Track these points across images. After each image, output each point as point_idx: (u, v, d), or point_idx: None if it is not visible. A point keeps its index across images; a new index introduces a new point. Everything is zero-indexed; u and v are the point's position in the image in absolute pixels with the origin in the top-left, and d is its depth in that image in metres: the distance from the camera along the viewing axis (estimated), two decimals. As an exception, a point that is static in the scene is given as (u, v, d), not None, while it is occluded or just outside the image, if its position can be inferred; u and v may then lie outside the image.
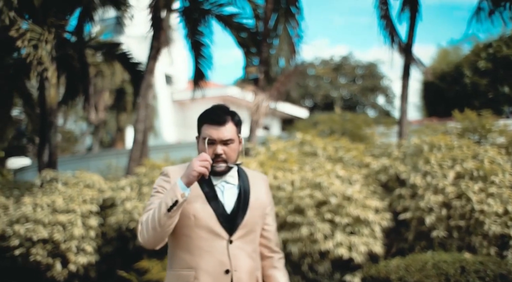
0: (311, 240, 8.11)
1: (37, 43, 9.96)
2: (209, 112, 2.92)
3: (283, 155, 8.93)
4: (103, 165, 13.58)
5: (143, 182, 10.06)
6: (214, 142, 2.84)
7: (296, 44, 10.78)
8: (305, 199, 8.13)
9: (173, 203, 2.67)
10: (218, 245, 2.87)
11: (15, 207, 10.93)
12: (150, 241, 2.77)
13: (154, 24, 11.39)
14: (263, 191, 3.09)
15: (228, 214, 2.89)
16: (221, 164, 2.85)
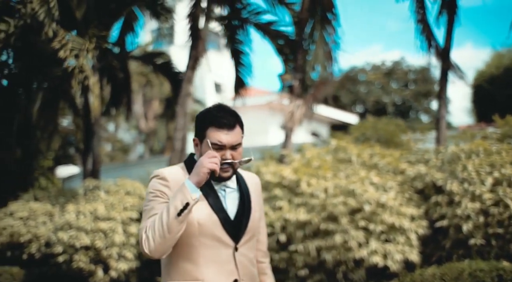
0: (345, 248, 8.02)
1: (78, 53, 10.25)
2: (216, 115, 2.73)
3: (317, 161, 8.89)
4: (146, 173, 13.78)
5: (181, 190, 10.17)
6: (223, 147, 2.69)
7: (332, 50, 10.73)
8: (338, 206, 8.06)
9: (184, 206, 2.52)
10: (224, 253, 2.72)
11: (60, 214, 11.26)
12: (157, 249, 2.57)
13: (192, 33, 11.53)
14: (258, 193, 2.99)
15: (232, 220, 2.74)
16: (228, 169, 2.72)
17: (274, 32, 12.02)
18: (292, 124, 10.09)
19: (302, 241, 8.26)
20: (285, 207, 8.43)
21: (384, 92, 41.18)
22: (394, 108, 41.40)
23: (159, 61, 13.47)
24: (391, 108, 40.90)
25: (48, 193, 13.05)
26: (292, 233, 8.35)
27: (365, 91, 41.65)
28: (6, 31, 10.84)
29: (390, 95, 41.31)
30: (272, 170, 8.97)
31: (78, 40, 10.61)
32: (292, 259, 8.36)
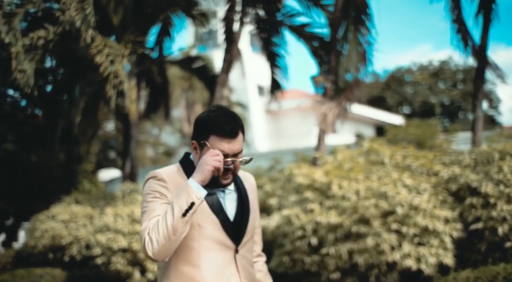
0: (378, 251, 7.92)
1: (114, 59, 10.44)
2: (218, 122, 2.62)
3: (349, 164, 8.81)
4: None
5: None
6: (226, 155, 2.60)
7: (366, 51, 10.59)
8: (370, 209, 7.97)
9: (189, 205, 2.44)
10: (225, 256, 2.66)
11: (99, 217, 11.49)
12: (161, 252, 2.48)
13: (227, 37, 11.59)
14: (254, 193, 2.93)
15: (231, 222, 2.69)
16: (229, 176, 2.67)
17: (308, 34, 11.98)
18: (324, 126, 10.02)
19: (333, 244, 8.20)
20: (316, 210, 8.38)
21: (432, 92, 40.42)
22: (442, 109, 40.61)
23: (196, 65, 13.59)
24: (439, 109, 40.14)
25: (89, 196, 13.32)
26: (323, 236, 8.29)
27: (411, 92, 40.99)
28: (45, 38, 11.12)
29: (438, 95, 40.52)
30: (304, 172, 8.92)
31: (115, 46, 10.81)
32: (324, 262, 8.30)
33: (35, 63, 11.48)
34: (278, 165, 10.42)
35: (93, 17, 10.53)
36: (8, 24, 11.71)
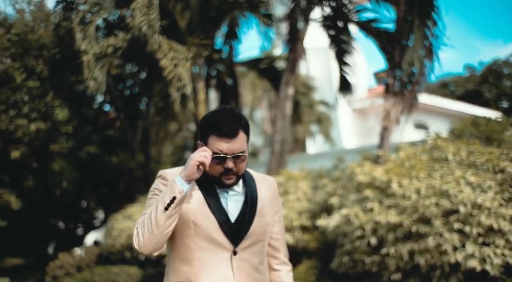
0: (439, 252, 7.64)
1: (178, 62, 10.65)
2: (217, 121, 2.60)
3: (411, 161, 8.54)
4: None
5: (278, 192, 10.24)
6: (225, 156, 2.58)
7: (433, 45, 10.20)
8: (430, 208, 7.70)
9: (171, 200, 2.47)
10: (221, 257, 2.62)
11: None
12: (146, 245, 2.53)
13: (291, 36, 11.54)
14: (271, 196, 2.84)
15: (232, 223, 2.65)
16: (231, 176, 2.64)
17: (375, 29, 11.71)
18: (388, 123, 9.75)
19: (393, 244, 7.99)
20: (375, 209, 8.19)
21: (533, 86, 38.40)
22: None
23: (263, 66, 13.63)
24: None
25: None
26: (383, 235, 8.10)
27: (510, 85, 39.08)
28: (115, 45, 11.52)
29: (541, 88, 38.43)
30: (365, 171, 8.75)
31: (179, 49, 11.03)
32: (385, 262, 8.10)
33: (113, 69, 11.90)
34: (341, 164, 10.27)
35: (158, 22, 10.80)
36: (84, 32, 12.23)
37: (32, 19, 20.13)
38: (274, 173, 11.08)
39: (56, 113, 15.87)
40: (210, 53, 12.32)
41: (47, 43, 17.42)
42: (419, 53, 9.93)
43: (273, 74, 13.52)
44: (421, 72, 10.10)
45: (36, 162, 18.64)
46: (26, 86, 17.38)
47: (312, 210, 9.93)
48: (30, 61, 18.05)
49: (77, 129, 16.10)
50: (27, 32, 18.67)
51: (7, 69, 18.28)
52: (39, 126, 16.12)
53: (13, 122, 16.52)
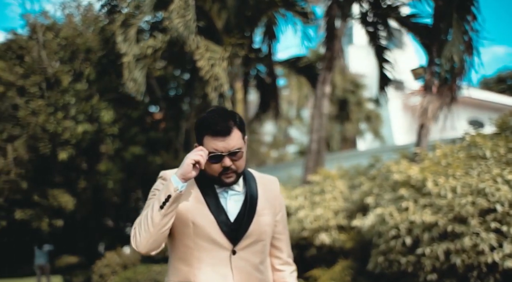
0: (476, 252, 7.43)
1: (214, 62, 10.71)
2: (209, 121, 2.61)
3: (448, 159, 8.32)
4: (287, 175, 13.93)
5: (314, 191, 10.16)
6: (221, 154, 2.58)
7: (472, 39, 9.90)
8: (466, 207, 7.49)
9: (166, 198, 2.49)
10: (220, 256, 2.62)
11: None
12: (142, 243, 2.53)
13: (328, 33, 11.42)
14: (273, 196, 2.84)
15: (231, 222, 2.65)
16: (231, 175, 2.63)
17: (414, 25, 11.46)
18: (425, 120, 9.53)
19: (429, 244, 7.81)
20: (410, 208, 8.03)
21: None
22: None
23: (301, 64, 13.55)
24: None
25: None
26: (419, 235, 7.93)
27: None
28: (154, 47, 11.68)
29: None
30: (401, 169, 8.58)
31: (216, 49, 11.09)
32: (420, 262, 7.93)
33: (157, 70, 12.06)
34: (379, 163, 10.12)
35: (194, 22, 10.88)
36: (125, 34, 12.45)
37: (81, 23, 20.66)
38: (311, 172, 11.02)
39: (102, 115, 16.22)
40: (247, 52, 12.33)
41: (94, 46, 17.83)
42: (458, 48, 9.66)
43: (312, 73, 13.43)
44: (460, 68, 9.82)
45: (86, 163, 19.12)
46: (73, 89, 17.83)
47: (348, 209, 9.82)
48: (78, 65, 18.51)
49: (122, 131, 16.41)
50: (74, 36, 19.17)
51: (56, 73, 18.81)
52: (86, 128, 16.51)
53: (60, 124, 16.98)
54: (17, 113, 18.89)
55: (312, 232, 9.82)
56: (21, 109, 18.44)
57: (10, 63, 21.28)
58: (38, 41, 20.36)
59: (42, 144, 18.17)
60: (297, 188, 10.79)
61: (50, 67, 19.75)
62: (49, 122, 17.37)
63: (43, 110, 18.15)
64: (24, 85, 19.65)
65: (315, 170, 10.87)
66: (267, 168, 20.38)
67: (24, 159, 19.59)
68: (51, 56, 19.99)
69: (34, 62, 20.11)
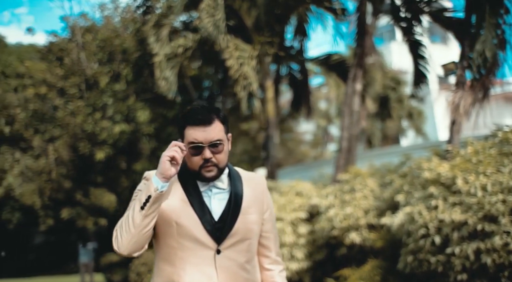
0: (507, 251, 7.21)
1: (243, 61, 10.70)
2: (191, 112, 2.63)
3: (478, 156, 8.10)
4: (318, 173, 13.80)
5: (344, 190, 10.05)
6: (202, 145, 2.58)
7: (506, 33, 9.59)
8: (497, 205, 7.28)
9: (146, 199, 2.48)
10: (204, 256, 2.60)
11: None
12: (124, 245, 2.52)
13: (358, 30, 11.27)
14: (260, 194, 2.80)
15: (215, 221, 2.62)
16: (211, 168, 2.61)
17: (446, 19, 11.20)
18: (456, 116, 9.29)
19: (459, 243, 7.62)
20: (440, 206, 7.85)
21: None
22: None
23: (333, 61, 13.41)
24: None
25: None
26: (448, 234, 7.74)
27: None
28: (184, 46, 11.76)
29: None
30: (431, 167, 8.40)
31: (245, 48, 11.09)
32: (450, 262, 7.75)
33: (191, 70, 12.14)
34: (410, 160, 9.93)
35: (224, 22, 10.90)
36: (157, 35, 12.57)
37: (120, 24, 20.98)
38: (342, 170, 10.91)
39: (138, 115, 16.41)
40: (277, 50, 12.28)
41: (130, 47, 18.07)
42: (490, 42, 9.39)
43: (344, 70, 13.29)
44: (493, 63, 9.54)
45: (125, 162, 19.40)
46: (111, 89, 18.11)
47: (379, 207, 9.67)
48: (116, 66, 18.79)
49: (158, 130, 16.57)
50: (112, 37, 19.47)
51: (95, 74, 19.15)
52: (123, 128, 16.74)
53: (98, 124, 17.26)
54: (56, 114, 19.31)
55: (342, 231, 9.72)
56: (60, 110, 18.83)
57: (51, 65, 21.79)
58: (77, 43, 20.76)
59: (82, 144, 18.52)
60: (328, 187, 10.71)
61: (89, 69, 20.12)
62: (87, 123, 17.68)
63: (81, 111, 18.50)
64: (64, 86, 20.07)
65: (346, 168, 10.75)
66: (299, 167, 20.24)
67: (65, 159, 20.02)
68: (90, 57, 20.37)
69: (74, 64, 20.52)
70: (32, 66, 22.43)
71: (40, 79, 21.26)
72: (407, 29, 12.10)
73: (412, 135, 33.01)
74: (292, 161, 26.40)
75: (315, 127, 31.96)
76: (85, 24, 21.91)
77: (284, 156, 25.85)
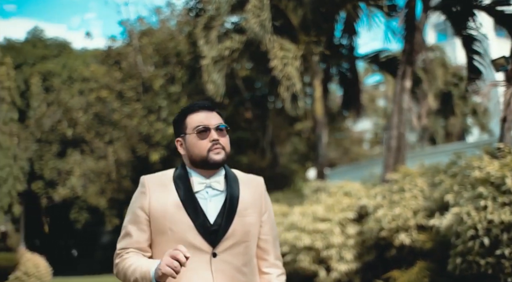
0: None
1: (287, 61, 10.63)
2: (192, 104, 2.70)
3: (530, 154, 7.77)
4: (368, 173, 13.51)
5: (393, 190, 9.83)
6: (207, 128, 2.58)
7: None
8: (548, 206, 6.97)
9: None
10: (200, 260, 2.55)
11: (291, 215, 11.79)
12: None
13: (407, 25, 10.98)
14: (258, 196, 2.74)
15: (210, 224, 2.57)
16: (220, 150, 2.58)
17: (499, 12, 10.78)
18: (507, 113, 8.91)
19: (509, 245, 7.34)
20: (489, 207, 7.56)
21: None
22: None
23: (383, 59, 13.13)
24: None
25: (287, 195, 13.73)
26: (498, 235, 7.46)
27: None
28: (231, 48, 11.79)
29: None
30: (481, 166, 8.11)
31: (290, 48, 11.02)
32: (500, 264, 7.47)
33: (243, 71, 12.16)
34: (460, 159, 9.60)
35: (270, 22, 10.86)
36: (206, 37, 12.66)
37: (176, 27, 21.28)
38: (390, 170, 10.68)
39: (192, 117, 16.54)
40: (324, 49, 12.14)
41: (184, 50, 18.30)
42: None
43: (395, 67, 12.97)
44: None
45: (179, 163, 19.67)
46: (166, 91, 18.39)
47: (429, 208, 9.40)
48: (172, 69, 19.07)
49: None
50: (167, 40, 19.77)
51: (150, 77, 19.50)
52: (177, 130, 16.92)
53: (153, 126, 17.55)
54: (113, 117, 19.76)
55: (390, 232, 9.51)
56: (116, 113, 19.26)
57: (110, 69, 22.35)
58: (134, 46, 21.19)
59: (139, 145, 18.89)
60: (376, 187, 10.51)
61: (145, 72, 20.50)
62: (142, 125, 18.01)
63: (138, 114, 18.86)
64: (122, 90, 20.54)
65: (395, 167, 10.52)
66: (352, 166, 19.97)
67: (124, 160, 20.47)
68: (147, 60, 20.75)
69: (131, 67, 20.96)
70: (97, 70, 23.10)
71: (102, 83, 21.87)
72: (460, 24, 11.71)
73: (477, 132, 32.02)
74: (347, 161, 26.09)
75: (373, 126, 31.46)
76: (142, 28, 22.34)
77: (339, 155, 25.60)
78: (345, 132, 25.59)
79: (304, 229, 10.58)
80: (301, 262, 10.55)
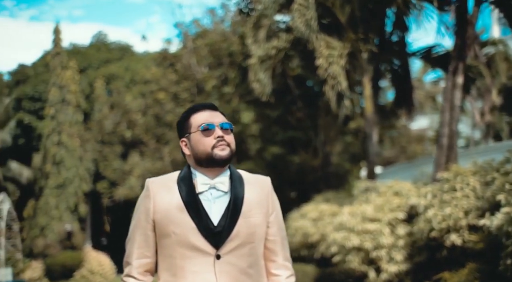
0: None
1: (333, 60, 10.48)
2: (195, 105, 2.71)
3: None
4: (419, 172, 13.13)
5: (444, 189, 9.53)
6: (213, 124, 2.57)
7: None
8: None
9: None
10: (203, 263, 2.53)
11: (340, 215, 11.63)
12: None
13: (458, 20, 10.64)
14: (264, 196, 2.68)
15: (213, 226, 2.54)
16: (224, 147, 2.57)
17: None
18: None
19: None
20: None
21: None
22: None
23: (434, 54, 12.75)
24: None
25: (338, 194, 13.57)
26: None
27: None
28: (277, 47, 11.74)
29: None
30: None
31: (336, 46, 10.86)
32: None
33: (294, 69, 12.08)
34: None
35: (315, 20, 10.75)
36: (255, 37, 12.67)
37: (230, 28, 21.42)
38: (441, 169, 10.36)
39: (243, 117, 16.63)
40: (373, 46, 11.90)
41: (236, 50, 18.38)
42: None
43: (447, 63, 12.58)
44: None
45: (231, 163, 19.80)
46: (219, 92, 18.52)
47: (481, 207, 9.07)
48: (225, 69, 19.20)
49: (262, 131, 16.68)
50: (220, 41, 19.91)
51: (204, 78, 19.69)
52: (228, 130, 17.03)
53: (205, 127, 17.66)
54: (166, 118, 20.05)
55: (441, 233, 9.24)
56: (170, 114, 19.54)
57: (166, 71, 22.72)
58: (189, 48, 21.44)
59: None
60: (427, 186, 10.23)
61: (199, 73, 20.72)
62: (194, 127, 18.19)
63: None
64: (176, 91, 20.83)
65: (446, 166, 10.21)
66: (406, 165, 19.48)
67: (179, 161, 20.74)
68: (201, 62, 20.97)
69: (186, 69, 21.22)
70: (157, 73, 23.56)
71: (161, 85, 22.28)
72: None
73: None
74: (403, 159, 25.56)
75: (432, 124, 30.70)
76: (196, 30, 22.60)
77: (396, 153, 25.10)
78: (400, 130, 25.07)
79: (353, 229, 10.42)
80: (351, 263, 10.40)
